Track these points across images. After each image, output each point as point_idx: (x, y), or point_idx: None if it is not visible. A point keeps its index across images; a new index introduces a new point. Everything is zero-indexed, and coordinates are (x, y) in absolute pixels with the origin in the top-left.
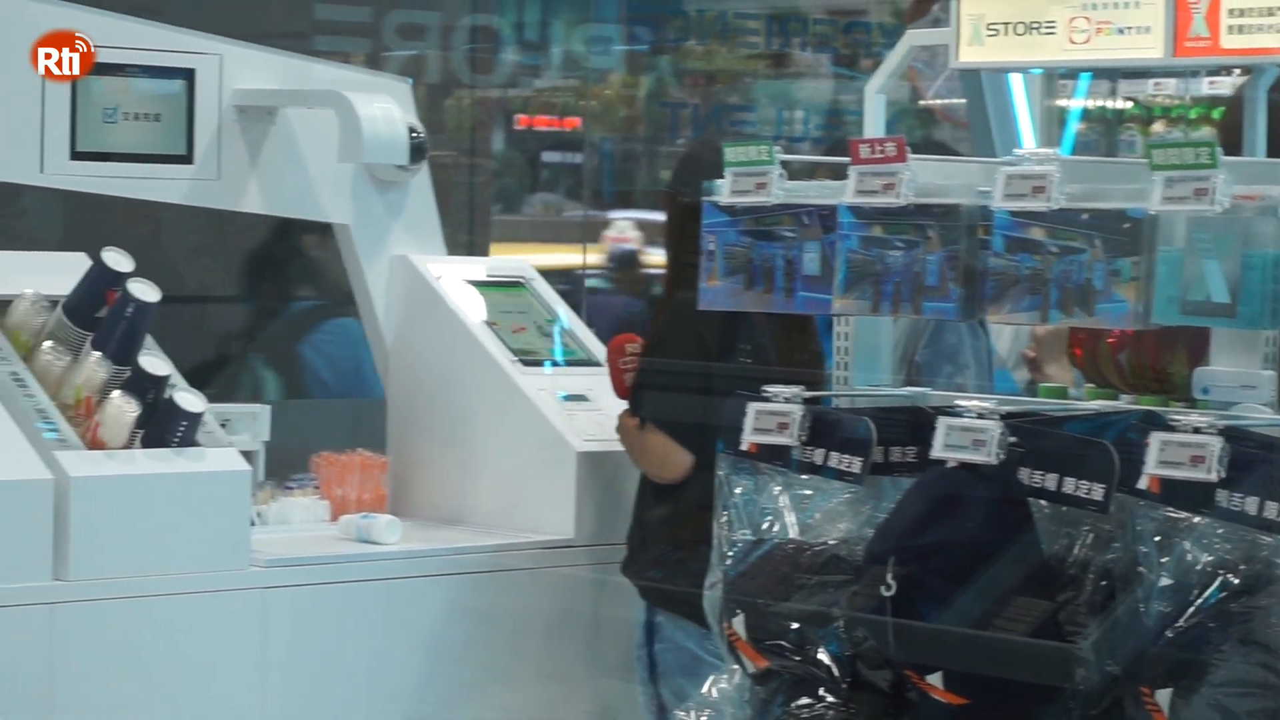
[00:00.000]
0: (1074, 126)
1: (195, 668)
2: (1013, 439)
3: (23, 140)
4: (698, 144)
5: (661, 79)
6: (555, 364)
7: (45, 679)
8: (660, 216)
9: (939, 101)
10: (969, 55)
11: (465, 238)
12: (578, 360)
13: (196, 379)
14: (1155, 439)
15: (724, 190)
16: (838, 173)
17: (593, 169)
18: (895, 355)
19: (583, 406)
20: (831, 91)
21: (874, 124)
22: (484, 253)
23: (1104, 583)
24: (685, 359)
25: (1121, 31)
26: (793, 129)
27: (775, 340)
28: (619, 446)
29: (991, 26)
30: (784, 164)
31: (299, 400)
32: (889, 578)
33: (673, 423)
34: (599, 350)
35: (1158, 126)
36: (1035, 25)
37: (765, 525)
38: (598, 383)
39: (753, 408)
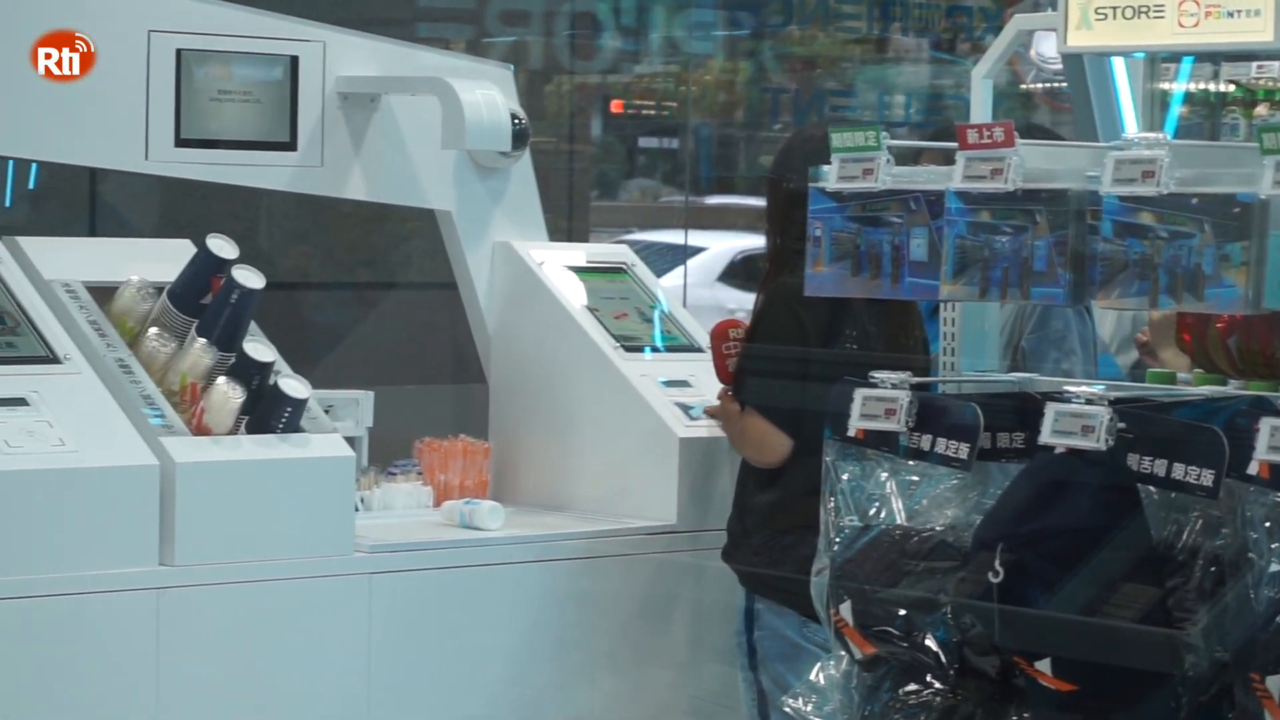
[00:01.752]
0: (1176, 110)
1: (300, 653)
2: (1121, 425)
3: (128, 128)
4: (802, 130)
5: (761, 64)
6: (656, 349)
7: (151, 664)
8: (760, 202)
9: (1039, 85)
10: (1077, 40)
11: (565, 224)
12: (679, 346)
13: (300, 365)
14: (1265, 424)
15: (831, 176)
16: (944, 158)
17: (691, 154)
18: (1001, 341)
19: (684, 392)
20: (931, 76)
21: (981, 109)
22: (584, 239)
23: (1213, 569)
24: (784, 344)
25: (1230, 15)
26: (893, 113)
27: (879, 326)
28: (720, 432)
29: (1100, 10)
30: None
31: (402, 386)
32: (996, 564)
33: (772, 407)
34: (700, 336)
35: (1260, 110)
36: (1144, 9)
37: (872, 511)
38: (699, 368)
39: (860, 394)
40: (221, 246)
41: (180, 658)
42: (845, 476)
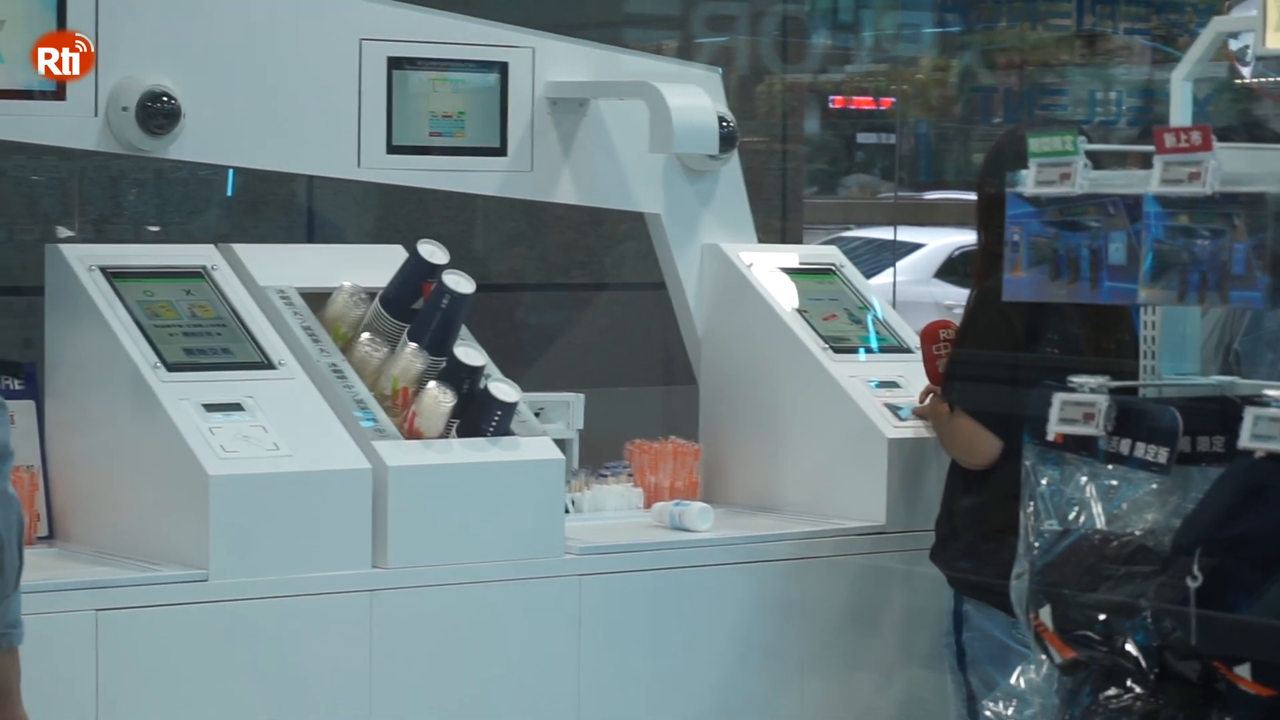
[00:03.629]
0: None
1: (510, 654)
2: None
3: (341, 135)
4: (1013, 130)
5: (972, 62)
6: (869, 351)
7: (364, 665)
8: (974, 198)
9: (1257, 80)
10: (1276, 41)
11: (779, 223)
12: (890, 347)
13: (513, 366)
14: None
15: (1029, 181)
16: (1148, 159)
17: (907, 151)
18: (1212, 343)
19: (893, 393)
20: (1145, 73)
21: (1180, 112)
22: (797, 238)
23: None
24: (994, 346)
25: None
26: (1106, 111)
27: (1084, 329)
28: (929, 432)
29: None
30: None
31: (614, 388)
32: (1195, 569)
33: (982, 410)
34: (909, 336)
35: None
36: None
37: (1072, 515)
38: (909, 369)
39: (1058, 398)
40: (432, 252)
41: (393, 659)
42: (1044, 481)
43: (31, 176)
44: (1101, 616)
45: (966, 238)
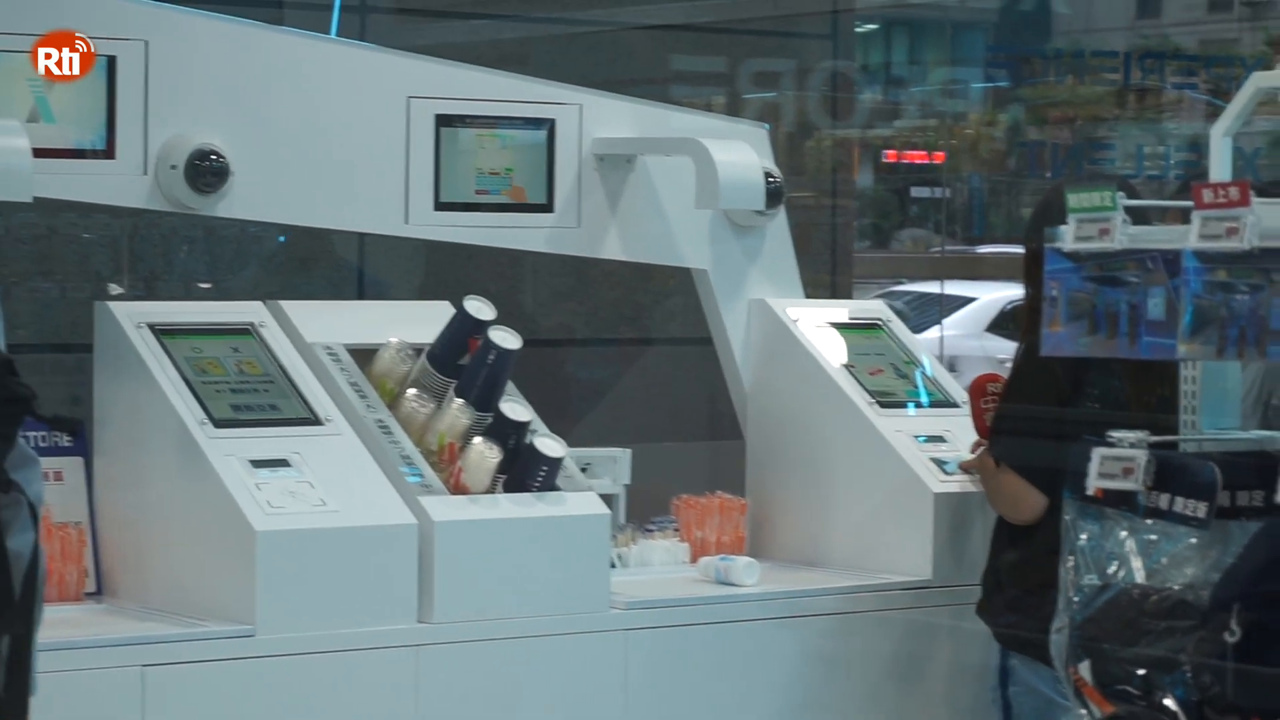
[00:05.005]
0: None
1: (557, 708)
2: None
3: (389, 192)
4: (1053, 189)
5: (1020, 117)
6: (919, 405)
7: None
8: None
9: None
10: None
11: (829, 278)
12: (937, 402)
13: (561, 421)
14: None
15: (1068, 236)
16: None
17: (959, 205)
18: (1251, 398)
19: (939, 447)
20: (1195, 127)
21: (1220, 166)
22: (847, 293)
23: None
24: (1039, 400)
25: None
26: (1156, 165)
27: (1128, 383)
28: (974, 487)
29: None
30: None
31: (660, 443)
32: (1233, 624)
33: (1027, 465)
34: (956, 391)
35: None
36: None
37: (1112, 570)
38: (956, 424)
39: (1098, 453)
40: (479, 308)
41: (439, 714)
42: (1084, 535)
43: (83, 234)
44: (1141, 671)
45: (1018, 291)
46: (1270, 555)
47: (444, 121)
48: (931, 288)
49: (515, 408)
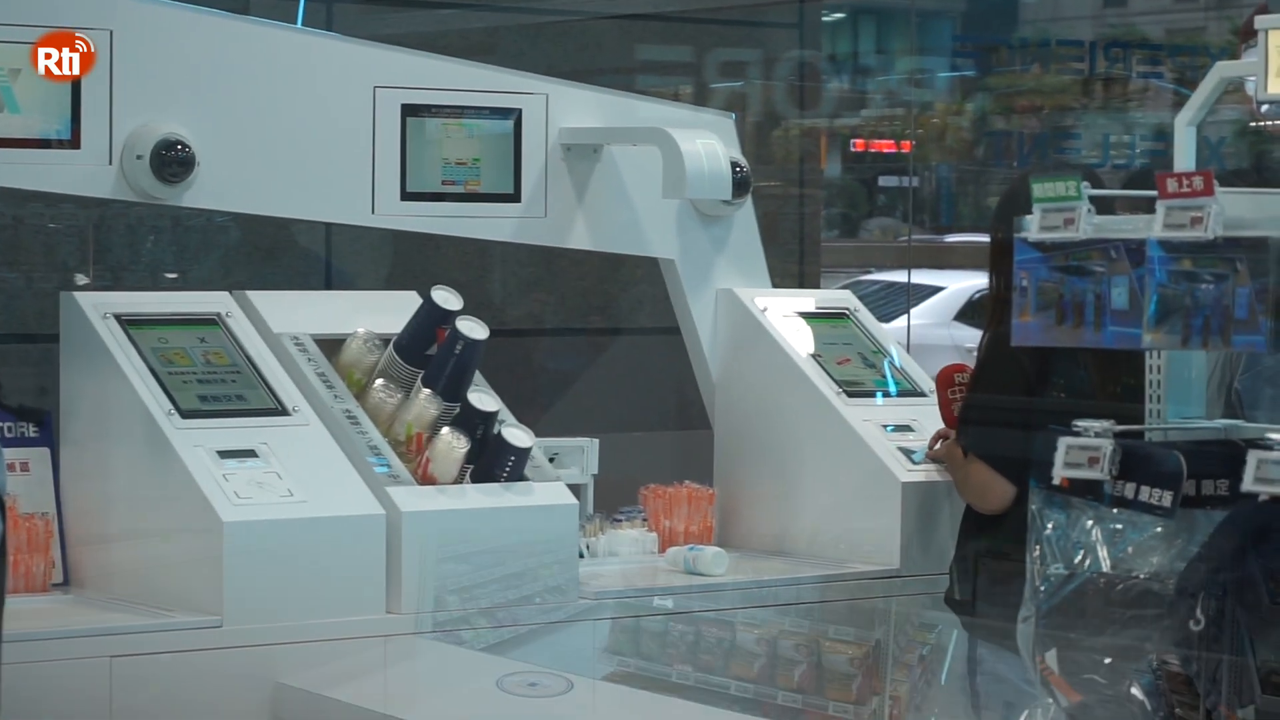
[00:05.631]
0: None
1: (527, 699)
2: None
3: (355, 182)
4: (1018, 179)
5: (986, 106)
6: (888, 394)
7: (380, 710)
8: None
9: (1272, 122)
10: (1277, 86)
11: (796, 267)
12: (904, 391)
13: (529, 411)
14: None
15: (1033, 226)
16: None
17: (927, 195)
18: (1214, 383)
19: (907, 436)
20: (1160, 116)
21: (1183, 157)
22: (815, 282)
23: None
24: (1006, 390)
25: None
26: (1122, 153)
27: (1094, 373)
28: (941, 476)
29: None
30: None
31: (628, 433)
32: (1198, 612)
33: (995, 454)
34: (922, 380)
35: None
36: None
37: (1078, 559)
38: (923, 413)
39: (1063, 442)
40: (446, 298)
41: (408, 704)
42: (1050, 525)
43: (49, 225)
44: (1107, 660)
45: (986, 280)
46: (1235, 544)
47: (410, 111)
48: (897, 277)
49: (483, 398)
